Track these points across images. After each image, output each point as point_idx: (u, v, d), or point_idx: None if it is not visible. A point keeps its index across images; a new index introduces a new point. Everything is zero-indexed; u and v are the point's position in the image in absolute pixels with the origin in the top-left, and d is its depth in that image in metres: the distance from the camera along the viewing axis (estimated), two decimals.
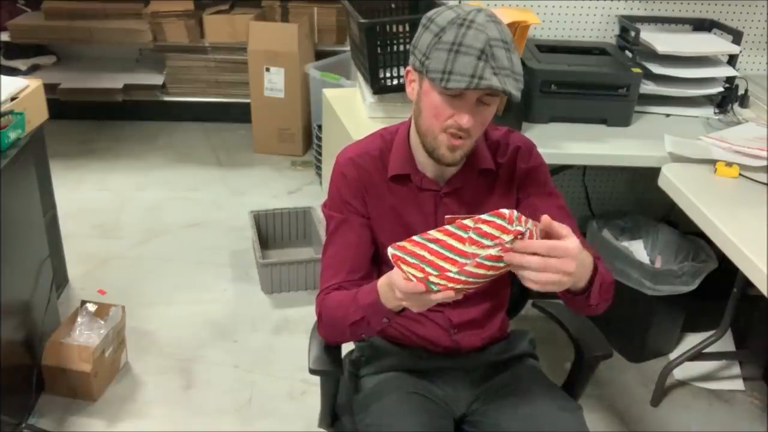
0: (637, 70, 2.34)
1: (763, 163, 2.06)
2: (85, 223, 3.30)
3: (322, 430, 1.61)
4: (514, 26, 2.24)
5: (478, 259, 1.09)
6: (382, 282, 1.27)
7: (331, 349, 1.49)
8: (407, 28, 2.30)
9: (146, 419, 2.27)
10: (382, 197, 1.45)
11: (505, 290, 1.59)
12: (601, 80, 2.34)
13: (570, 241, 1.11)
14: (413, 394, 1.45)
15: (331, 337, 1.46)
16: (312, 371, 1.47)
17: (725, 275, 2.23)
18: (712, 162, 2.08)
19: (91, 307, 2.40)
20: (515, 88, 1.23)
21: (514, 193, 1.47)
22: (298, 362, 2.48)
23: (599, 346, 1.57)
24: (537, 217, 1.18)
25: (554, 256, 1.09)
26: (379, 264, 1.47)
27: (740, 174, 2.04)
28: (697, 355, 2.45)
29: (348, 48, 3.73)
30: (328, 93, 2.68)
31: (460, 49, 1.22)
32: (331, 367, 1.48)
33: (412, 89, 1.36)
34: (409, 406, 1.42)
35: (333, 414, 1.57)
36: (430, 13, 1.30)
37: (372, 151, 1.46)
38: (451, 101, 1.27)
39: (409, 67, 1.35)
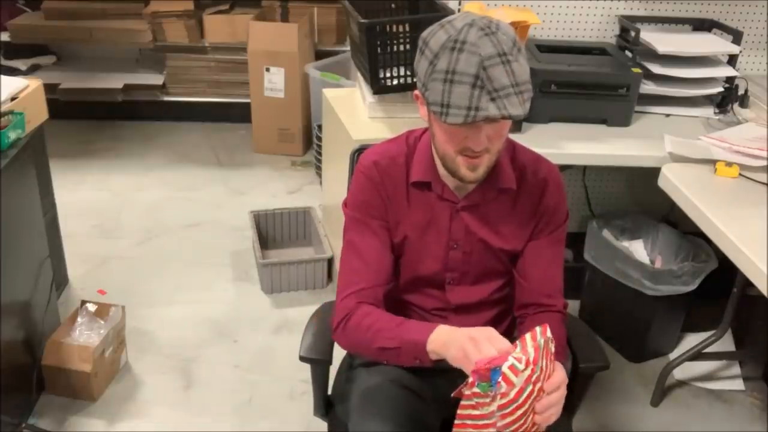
0: (637, 70, 2.34)
1: (763, 163, 2.06)
2: (85, 223, 3.30)
3: (322, 430, 1.61)
4: (514, 26, 2.24)
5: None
6: (444, 330, 1.26)
7: (323, 339, 1.52)
8: (407, 28, 2.30)
9: (146, 419, 2.27)
10: (403, 203, 1.44)
11: (510, 295, 1.56)
12: (601, 80, 2.33)
13: (557, 375, 1.22)
14: (404, 388, 1.45)
15: (349, 344, 1.44)
16: (302, 358, 1.52)
17: (725, 275, 2.23)
18: (712, 162, 2.08)
19: (91, 307, 2.39)
20: (518, 105, 1.19)
21: (531, 226, 1.45)
22: (298, 362, 2.47)
23: (596, 357, 1.52)
24: (535, 260, 1.43)
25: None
26: (396, 270, 1.47)
27: (740, 174, 2.04)
28: (697, 355, 2.45)
29: (348, 48, 3.73)
30: (328, 93, 2.68)
31: (454, 78, 1.19)
32: (321, 355, 1.52)
33: (424, 112, 1.35)
34: (399, 398, 1.42)
35: (327, 402, 1.60)
36: (425, 34, 1.26)
37: (397, 156, 1.44)
38: (460, 127, 1.24)
39: (416, 91, 1.33)
